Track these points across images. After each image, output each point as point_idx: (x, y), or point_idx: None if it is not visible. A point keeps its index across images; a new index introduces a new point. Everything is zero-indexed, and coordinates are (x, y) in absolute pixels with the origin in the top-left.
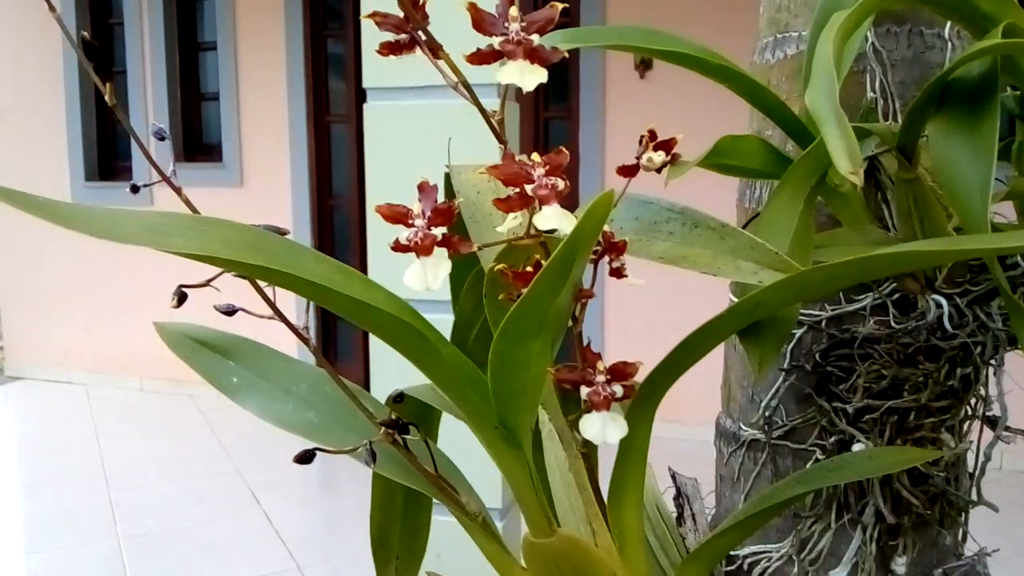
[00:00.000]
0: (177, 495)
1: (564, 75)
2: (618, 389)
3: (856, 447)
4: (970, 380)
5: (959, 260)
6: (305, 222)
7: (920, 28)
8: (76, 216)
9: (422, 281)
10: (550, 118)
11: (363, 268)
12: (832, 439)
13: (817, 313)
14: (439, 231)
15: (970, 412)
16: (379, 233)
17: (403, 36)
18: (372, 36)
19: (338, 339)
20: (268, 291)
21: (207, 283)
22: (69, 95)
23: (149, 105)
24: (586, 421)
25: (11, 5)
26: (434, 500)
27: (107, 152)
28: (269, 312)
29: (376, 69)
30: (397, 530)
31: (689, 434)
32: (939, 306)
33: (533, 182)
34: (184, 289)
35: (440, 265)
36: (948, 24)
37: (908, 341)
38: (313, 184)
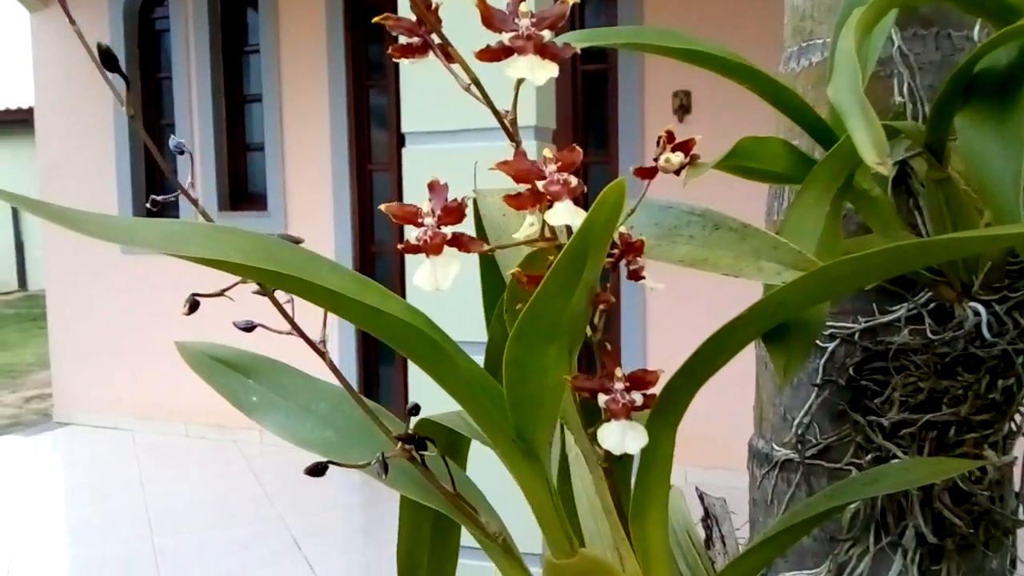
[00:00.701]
0: (220, 541)
1: (603, 121)
2: (637, 397)
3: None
4: (1012, 392)
5: (991, 249)
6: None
7: (948, 31)
8: (92, 222)
9: (432, 281)
10: (590, 163)
11: None
12: (868, 457)
13: (850, 326)
14: (449, 230)
15: (1015, 427)
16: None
17: (416, 40)
18: (411, 82)
19: (380, 382)
20: (287, 309)
21: (221, 292)
22: (119, 146)
23: (196, 155)
24: (604, 430)
25: (62, 60)
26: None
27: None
28: (288, 327)
29: (414, 114)
30: (424, 562)
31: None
32: (977, 314)
33: (545, 178)
34: (197, 298)
35: (450, 265)
36: (977, 26)
37: (945, 351)
38: (356, 231)
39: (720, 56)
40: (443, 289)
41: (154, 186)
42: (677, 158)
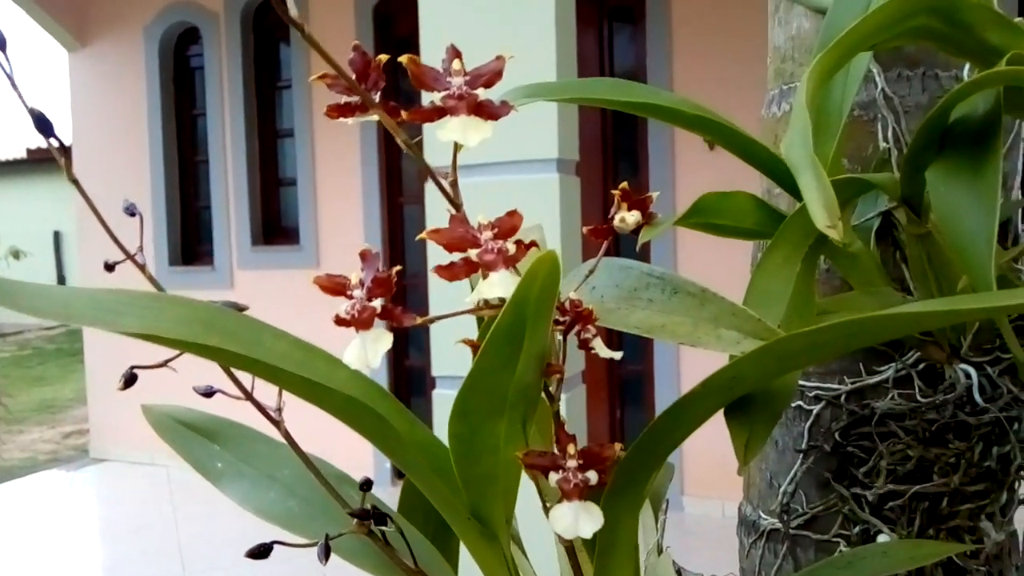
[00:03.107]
0: None
1: (633, 149)
2: (592, 475)
3: (881, 539)
4: (1009, 460)
5: (957, 322)
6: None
7: (935, 71)
8: (24, 296)
9: (362, 359)
10: None
11: None
12: (857, 529)
13: (836, 387)
14: (379, 303)
15: (1017, 497)
16: (440, 299)
17: (355, 98)
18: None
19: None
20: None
21: (164, 364)
22: (154, 185)
23: (230, 190)
24: (556, 512)
25: (99, 99)
26: None
27: (190, 238)
28: (253, 392)
29: (437, 149)
30: None
31: None
32: (968, 376)
33: (479, 246)
34: (135, 371)
35: (380, 340)
36: (967, 65)
37: (933, 417)
38: (387, 264)
39: (676, 109)
40: (373, 367)
41: (189, 222)
42: (633, 217)
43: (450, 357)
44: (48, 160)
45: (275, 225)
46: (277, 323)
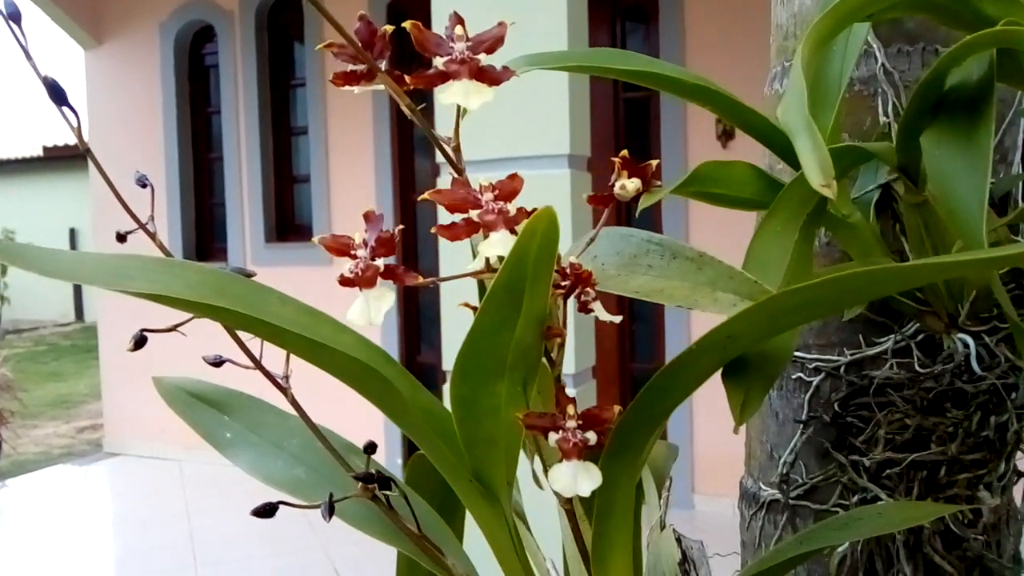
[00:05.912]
0: (262, 572)
1: (646, 147)
2: (591, 436)
3: None
4: (1007, 429)
5: (947, 277)
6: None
7: (935, 46)
8: (36, 258)
9: (365, 315)
10: None
11: None
12: (855, 498)
13: (836, 358)
14: (382, 262)
15: (1010, 467)
16: (451, 292)
17: (361, 66)
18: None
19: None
20: (256, 342)
21: (173, 328)
22: (169, 182)
23: (244, 188)
24: (555, 472)
25: (114, 96)
26: None
27: (204, 235)
28: (264, 361)
29: (443, 123)
30: None
31: None
32: (966, 346)
33: (480, 207)
34: (145, 333)
35: (383, 298)
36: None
37: (931, 386)
38: (400, 260)
39: (676, 78)
40: (376, 323)
41: (203, 219)
42: (633, 184)
43: None
44: (64, 158)
45: (289, 222)
46: None
